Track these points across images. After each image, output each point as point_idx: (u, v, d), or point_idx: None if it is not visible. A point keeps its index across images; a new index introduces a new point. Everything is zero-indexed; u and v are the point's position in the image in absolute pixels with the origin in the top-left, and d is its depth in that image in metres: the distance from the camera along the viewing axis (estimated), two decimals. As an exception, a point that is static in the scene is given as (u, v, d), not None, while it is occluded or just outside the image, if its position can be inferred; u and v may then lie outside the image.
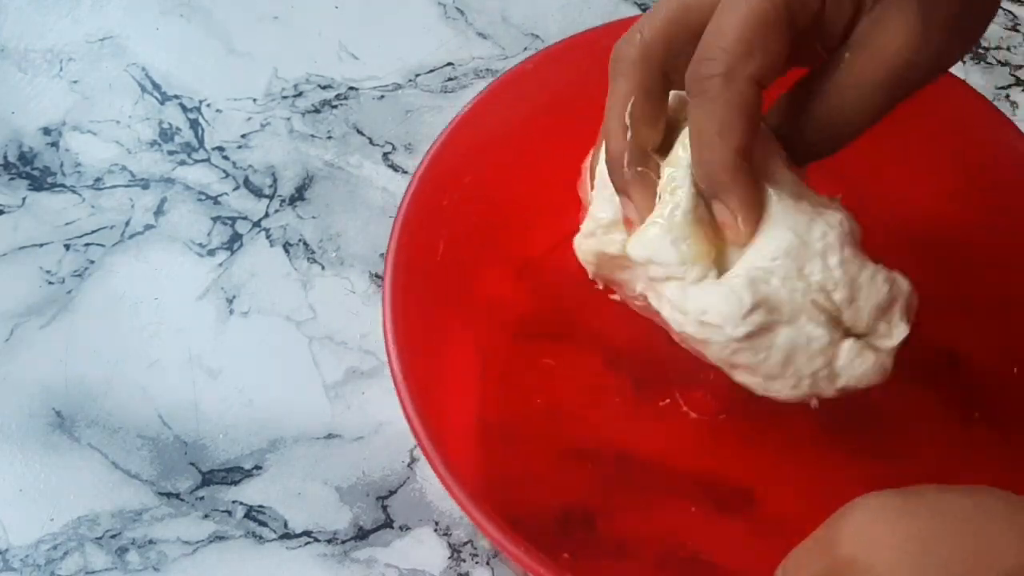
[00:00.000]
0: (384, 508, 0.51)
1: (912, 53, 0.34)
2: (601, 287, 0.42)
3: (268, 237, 0.59)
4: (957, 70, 0.63)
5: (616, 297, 0.42)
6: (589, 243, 0.41)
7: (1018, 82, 0.66)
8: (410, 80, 0.65)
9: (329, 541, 0.50)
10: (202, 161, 0.62)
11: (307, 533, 0.50)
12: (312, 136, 0.63)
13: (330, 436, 0.53)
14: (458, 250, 0.48)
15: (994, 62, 0.67)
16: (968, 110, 0.49)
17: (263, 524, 0.50)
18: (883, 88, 0.35)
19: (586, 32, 0.51)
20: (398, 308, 0.42)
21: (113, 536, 0.50)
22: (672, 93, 0.39)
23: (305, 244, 0.59)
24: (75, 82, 0.65)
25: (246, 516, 0.51)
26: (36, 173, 0.61)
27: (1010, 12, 0.69)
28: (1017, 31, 0.68)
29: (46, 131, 0.63)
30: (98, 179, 0.61)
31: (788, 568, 0.34)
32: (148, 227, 0.59)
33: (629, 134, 0.37)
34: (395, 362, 0.40)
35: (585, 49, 0.50)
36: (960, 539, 0.30)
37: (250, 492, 0.51)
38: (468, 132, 0.48)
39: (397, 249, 0.44)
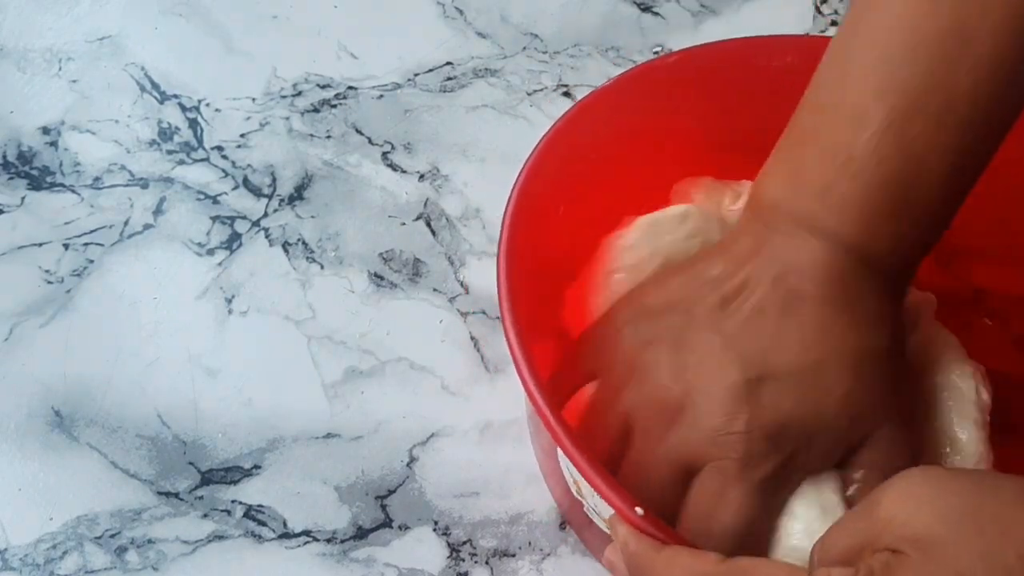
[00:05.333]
0: (383, 507, 0.51)
1: None
2: None
3: (267, 236, 0.59)
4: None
5: None
6: None
7: (1017, 82, 0.66)
8: (409, 79, 0.65)
9: (328, 540, 0.50)
10: (201, 160, 0.62)
11: (306, 532, 0.50)
12: (311, 135, 0.63)
13: (329, 435, 0.53)
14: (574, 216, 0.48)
15: (993, 62, 0.67)
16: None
17: (262, 523, 0.50)
18: None
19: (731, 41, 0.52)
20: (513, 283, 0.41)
21: (112, 535, 0.50)
22: None
23: (304, 243, 0.59)
24: (74, 81, 0.65)
25: (245, 515, 0.51)
26: (35, 172, 0.61)
27: (1009, 12, 0.69)
28: (1016, 31, 0.68)
29: (45, 130, 0.63)
30: (97, 178, 0.61)
31: (826, 539, 0.34)
32: (147, 226, 0.59)
33: None
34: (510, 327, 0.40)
35: (732, 54, 0.51)
36: (997, 508, 0.30)
37: (249, 491, 0.51)
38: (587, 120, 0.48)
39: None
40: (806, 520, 0.38)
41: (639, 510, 0.35)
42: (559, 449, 0.38)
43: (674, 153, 0.51)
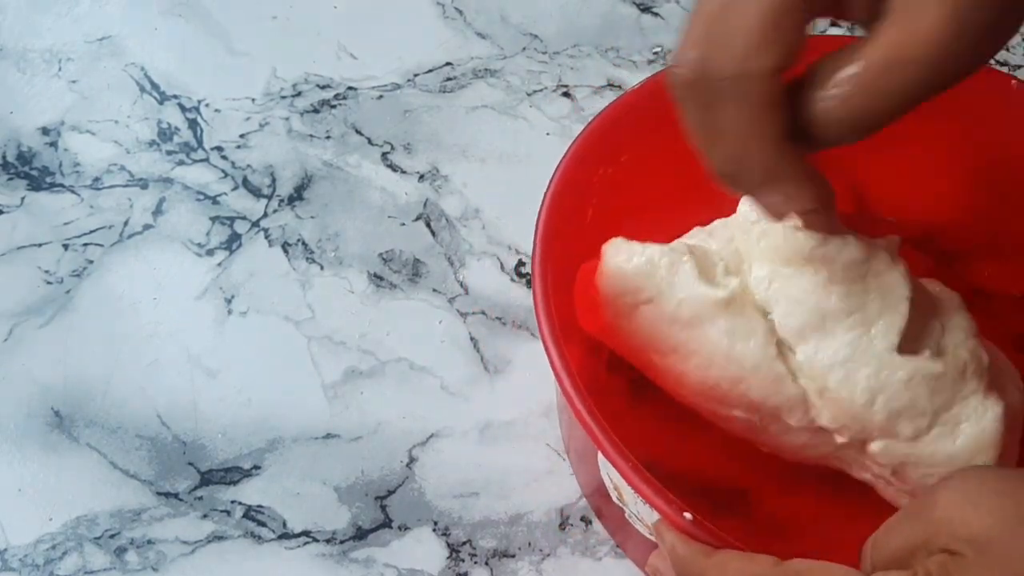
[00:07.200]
0: (383, 508, 0.51)
1: (947, 38, 0.31)
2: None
3: (267, 237, 0.59)
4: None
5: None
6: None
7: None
8: (409, 80, 0.65)
9: (328, 541, 0.50)
10: (201, 161, 0.62)
11: (306, 533, 0.50)
12: (311, 136, 0.63)
13: (328, 436, 0.53)
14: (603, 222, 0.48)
15: (993, 62, 0.67)
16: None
17: (262, 524, 0.50)
18: (913, 69, 0.32)
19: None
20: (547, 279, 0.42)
21: (112, 536, 0.50)
22: None
23: (304, 244, 0.59)
24: (74, 82, 0.65)
25: (245, 516, 0.51)
26: (35, 173, 0.61)
27: (1009, 12, 0.69)
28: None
29: (45, 131, 0.63)
30: (97, 179, 0.61)
31: (879, 537, 0.34)
32: (147, 227, 0.59)
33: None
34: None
35: None
36: None
37: (249, 492, 0.51)
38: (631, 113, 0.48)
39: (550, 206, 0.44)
40: None
41: (688, 515, 0.35)
42: (600, 456, 0.38)
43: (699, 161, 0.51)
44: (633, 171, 0.49)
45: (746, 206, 0.43)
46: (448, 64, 0.66)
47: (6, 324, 0.56)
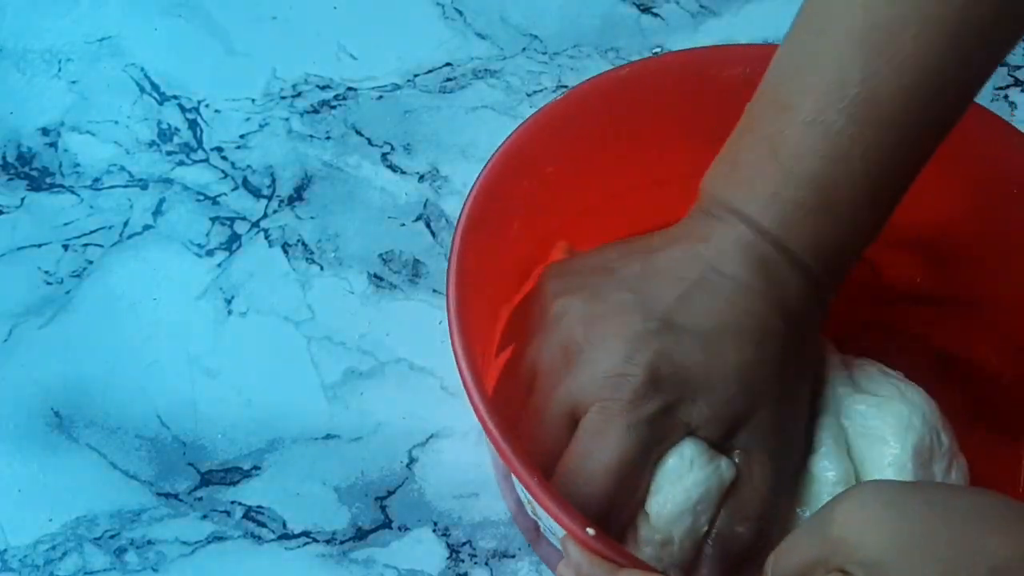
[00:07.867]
0: (383, 508, 0.51)
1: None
2: None
3: (267, 237, 0.59)
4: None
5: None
6: None
7: (1017, 83, 0.66)
8: (409, 80, 0.65)
9: (328, 541, 0.50)
10: (201, 161, 0.62)
11: (306, 533, 0.50)
12: (311, 136, 0.63)
13: (328, 436, 0.53)
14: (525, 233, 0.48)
15: (992, 62, 0.67)
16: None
17: (262, 524, 0.50)
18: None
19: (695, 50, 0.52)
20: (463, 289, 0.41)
21: (112, 536, 0.50)
22: None
23: (304, 244, 0.59)
24: (74, 82, 0.65)
25: (244, 516, 0.51)
26: (35, 173, 0.61)
27: (1008, 12, 0.69)
28: (1015, 31, 0.68)
29: (44, 131, 0.63)
30: (97, 179, 0.61)
31: (780, 552, 0.34)
32: (147, 227, 0.59)
33: None
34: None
35: (685, 66, 0.51)
36: (951, 532, 0.30)
37: (249, 492, 0.51)
38: (554, 124, 0.48)
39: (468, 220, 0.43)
40: (673, 480, 0.39)
41: (590, 530, 0.35)
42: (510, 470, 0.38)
43: (627, 169, 0.50)
44: (561, 182, 0.48)
45: None
46: (448, 64, 0.66)
47: (6, 324, 0.56)
